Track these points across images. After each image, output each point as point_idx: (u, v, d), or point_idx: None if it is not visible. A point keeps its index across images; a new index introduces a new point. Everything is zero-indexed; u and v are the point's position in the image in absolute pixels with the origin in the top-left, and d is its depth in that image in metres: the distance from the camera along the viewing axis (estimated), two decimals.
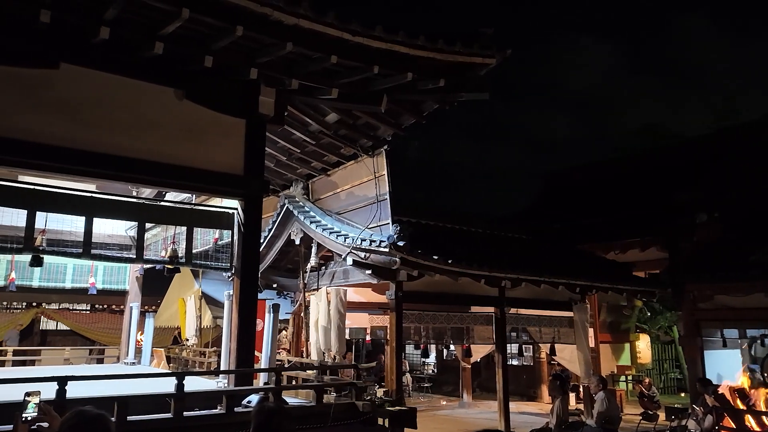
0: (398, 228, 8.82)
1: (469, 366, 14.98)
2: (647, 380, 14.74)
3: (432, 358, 19.55)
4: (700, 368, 11.84)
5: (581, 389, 13.31)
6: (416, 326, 10.40)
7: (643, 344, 18.55)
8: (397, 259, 8.97)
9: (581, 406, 12.86)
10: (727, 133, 17.42)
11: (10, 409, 3.62)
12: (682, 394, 17.06)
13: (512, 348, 13.51)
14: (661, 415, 11.75)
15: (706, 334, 12.13)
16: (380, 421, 6.68)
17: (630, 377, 17.61)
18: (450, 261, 9.37)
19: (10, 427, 2.81)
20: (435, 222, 12.78)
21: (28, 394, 2.81)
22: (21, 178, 6.75)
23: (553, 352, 12.50)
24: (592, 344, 13.25)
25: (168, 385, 5.80)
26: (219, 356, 11.34)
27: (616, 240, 15.02)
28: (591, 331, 13.33)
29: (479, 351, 13.23)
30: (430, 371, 19.69)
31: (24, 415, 2.76)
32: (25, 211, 6.17)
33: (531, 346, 15.92)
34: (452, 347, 15.89)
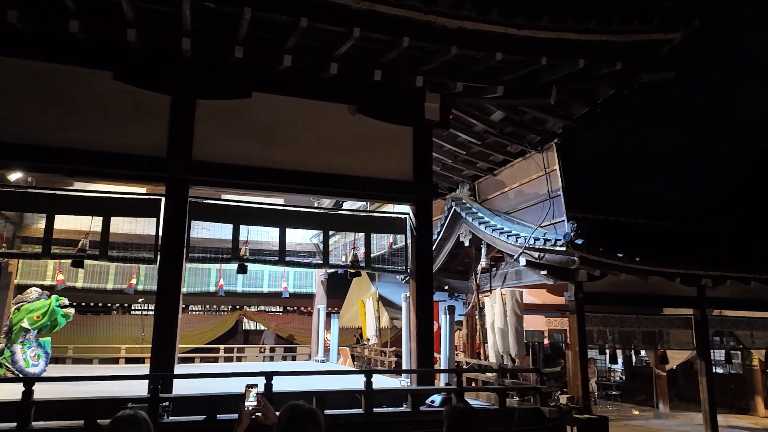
0: (575, 225, 8.32)
1: (665, 373, 13.58)
2: None
3: (619, 364, 18.12)
4: None
5: None
6: (600, 330, 9.72)
7: None
8: (575, 259, 8.47)
9: None
10: None
11: (234, 400, 4.14)
12: None
13: (717, 354, 11.96)
14: None
15: None
16: (568, 429, 6.33)
17: None
18: (638, 259, 8.59)
19: (235, 416, 3.12)
20: (615, 217, 11.84)
21: (248, 386, 3.11)
22: (223, 196, 7.69)
23: None
24: None
25: (357, 382, 6.15)
26: (397, 356, 11.78)
27: None
28: None
29: (676, 357, 11.98)
30: (618, 378, 18.26)
31: (246, 404, 3.04)
32: (231, 226, 7.01)
33: (740, 352, 13.95)
34: (642, 353, 14.56)
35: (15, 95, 6.23)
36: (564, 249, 8.38)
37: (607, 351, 10.38)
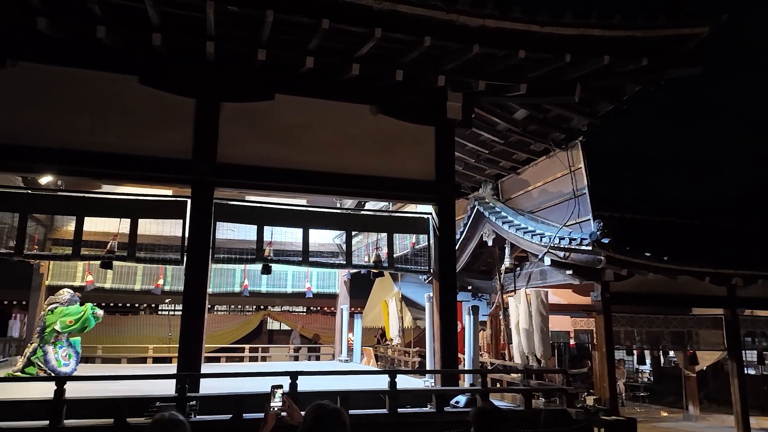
0: (601, 224, 8.21)
1: (694, 374, 13.29)
2: None
3: (647, 365, 17.78)
4: None
5: None
6: (627, 330, 9.57)
7: None
8: (602, 258, 8.35)
9: None
10: None
11: (259, 400, 4.16)
12: None
13: (749, 355, 11.66)
14: None
15: None
16: (595, 431, 6.24)
17: None
18: (666, 258, 8.43)
19: (261, 415, 3.15)
20: (641, 215, 11.63)
21: (274, 387, 3.13)
22: (247, 197, 7.76)
23: None
24: None
25: (381, 383, 6.15)
26: (421, 356, 11.76)
27: None
28: None
29: (706, 358, 11.69)
30: (646, 379, 17.93)
31: (272, 404, 3.06)
32: (255, 227, 7.07)
33: None
34: (671, 353, 14.27)
35: (44, 100, 6.37)
36: (590, 248, 8.27)
37: (635, 352, 10.18)
